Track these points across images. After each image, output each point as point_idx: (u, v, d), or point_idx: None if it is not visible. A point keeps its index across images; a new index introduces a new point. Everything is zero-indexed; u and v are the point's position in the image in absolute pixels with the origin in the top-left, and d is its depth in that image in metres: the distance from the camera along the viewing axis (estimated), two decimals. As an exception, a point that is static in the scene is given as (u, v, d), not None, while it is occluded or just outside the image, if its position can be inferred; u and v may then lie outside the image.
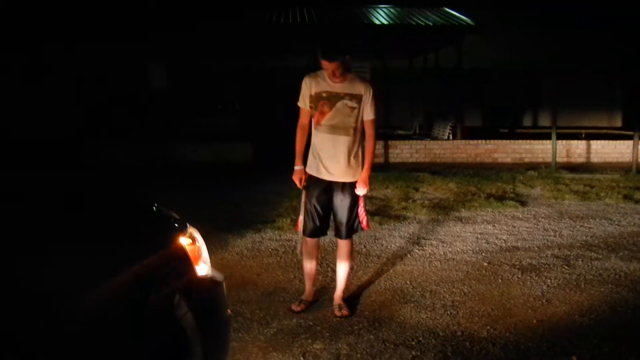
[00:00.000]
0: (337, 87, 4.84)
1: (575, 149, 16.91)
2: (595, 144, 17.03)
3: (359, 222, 5.08)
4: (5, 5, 15.97)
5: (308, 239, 5.13)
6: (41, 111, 15.78)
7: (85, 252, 2.47)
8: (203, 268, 3.11)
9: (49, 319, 2.18)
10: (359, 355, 4.28)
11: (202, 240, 3.21)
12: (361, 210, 5.05)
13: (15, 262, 2.23)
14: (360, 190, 4.94)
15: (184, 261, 2.95)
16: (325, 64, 4.73)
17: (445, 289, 5.65)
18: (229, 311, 3.31)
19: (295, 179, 5.04)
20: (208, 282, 3.13)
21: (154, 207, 3.20)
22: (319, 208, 5.01)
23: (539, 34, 22.17)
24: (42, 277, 2.24)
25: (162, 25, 17.00)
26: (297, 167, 5.03)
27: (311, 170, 5.01)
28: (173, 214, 3.20)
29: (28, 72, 16.49)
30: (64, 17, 16.39)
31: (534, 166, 14.72)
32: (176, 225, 3.09)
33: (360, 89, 4.86)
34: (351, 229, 5.08)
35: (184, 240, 3.02)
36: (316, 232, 5.09)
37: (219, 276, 3.28)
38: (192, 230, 3.14)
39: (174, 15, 17.74)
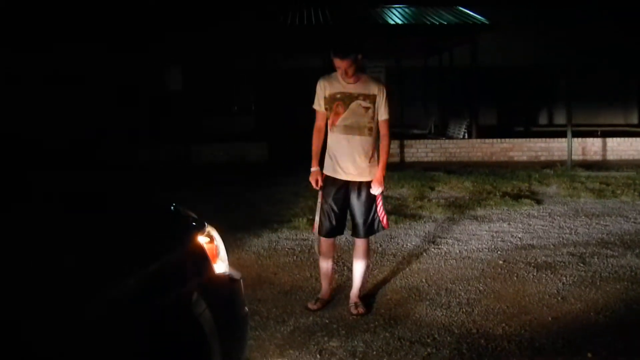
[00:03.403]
0: (351, 87, 4.88)
1: (591, 147, 16.83)
2: (611, 142, 16.94)
3: (380, 222, 5.11)
4: (23, 8, 16.12)
5: (324, 239, 5.17)
6: (62, 113, 15.89)
7: (105, 250, 2.52)
8: (221, 266, 3.16)
9: (70, 314, 2.23)
10: (374, 352, 4.32)
11: (220, 239, 3.26)
12: (380, 210, 5.08)
13: (38, 261, 2.28)
14: (375, 190, 4.97)
15: (202, 259, 3.00)
16: (337, 62, 4.78)
17: (460, 287, 5.67)
18: (246, 308, 3.36)
19: (312, 180, 5.08)
20: (226, 280, 3.18)
21: (172, 207, 3.26)
22: (335, 208, 5.04)
23: (553, 31, 22.08)
24: (63, 275, 2.29)
25: (178, 28, 17.08)
26: (314, 169, 5.07)
27: (327, 170, 5.05)
28: (191, 214, 3.25)
29: (49, 75, 16.62)
30: (84, 22, 16.50)
31: (549, 164, 14.68)
32: (194, 224, 3.14)
33: (374, 89, 4.90)
34: (370, 228, 5.11)
35: (202, 239, 3.07)
36: (333, 231, 5.12)
37: (236, 274, 3.33)
38: (210, 229, 3.19)
39: (190, 18, 17.81)
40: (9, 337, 2.03)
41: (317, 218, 5.13)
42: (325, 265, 5.23)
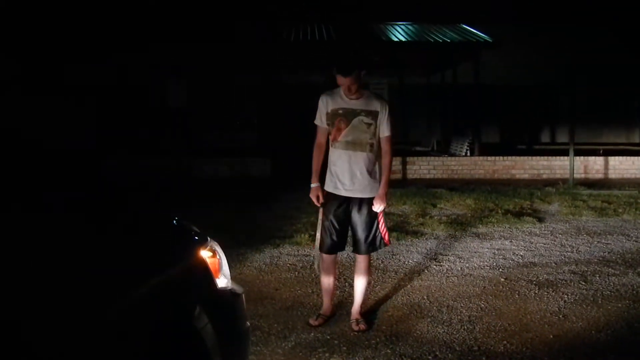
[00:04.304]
0: (353, 103, 4.90)
1: (593, 165, 16.86)
2: (613, 160, 16.97)
3: (382, 239, 5.10)
4: (26, 19, 16.21)
5: (326, 256, 5.16)
6: (63, 125, 15.91)
7: (108, 264, 2.52)
8: (223, 280, 3.16)
9: (71, 327, 2.23)
10: (376, 368, 4.31)
11: (222, 253, 3.27)
12: (382, 226, 5.08)
13: (40, 274, 2.28)
14: (377, 207, 4.97)
15: (205, 273, 3.00)
16: (340, 79, 4.80)
17: (462, 304, 5.67)
18: (247, 323, 3.36)
19: (312, 196, 5.08)
20: (228, 295, 3.18)
21: (174, 221, 3.26)
22: (336, 224, 5.04)
23: (556, 49, 22.17)
24: (66, 289, 2.30)
25: (182, 45, 17.16)
26: (314, 185, 5.07)
27: (328, 187, 5.05)
28: (194, 228, 3.26)
29: (50, 86, 16.66)
30: (89, 36, 16.58)
31: (551, 182, 14.69)
32: (197, 238, 3.15)
33: (376, 105, 4.92)
34: (371, 245, 5.10)
35: (204, 253, 3.07)
36: (334, 248, 5.11)
37: (238, 289, 3.33)
38: (212, 243, 3.20)
39: (195, 31, 17.90)
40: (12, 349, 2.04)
41: (318, 235, 5.14)
42: (327, 281, 5.23)
